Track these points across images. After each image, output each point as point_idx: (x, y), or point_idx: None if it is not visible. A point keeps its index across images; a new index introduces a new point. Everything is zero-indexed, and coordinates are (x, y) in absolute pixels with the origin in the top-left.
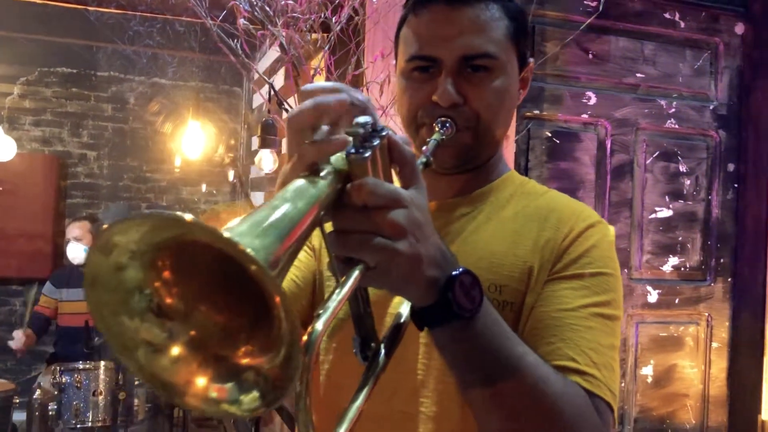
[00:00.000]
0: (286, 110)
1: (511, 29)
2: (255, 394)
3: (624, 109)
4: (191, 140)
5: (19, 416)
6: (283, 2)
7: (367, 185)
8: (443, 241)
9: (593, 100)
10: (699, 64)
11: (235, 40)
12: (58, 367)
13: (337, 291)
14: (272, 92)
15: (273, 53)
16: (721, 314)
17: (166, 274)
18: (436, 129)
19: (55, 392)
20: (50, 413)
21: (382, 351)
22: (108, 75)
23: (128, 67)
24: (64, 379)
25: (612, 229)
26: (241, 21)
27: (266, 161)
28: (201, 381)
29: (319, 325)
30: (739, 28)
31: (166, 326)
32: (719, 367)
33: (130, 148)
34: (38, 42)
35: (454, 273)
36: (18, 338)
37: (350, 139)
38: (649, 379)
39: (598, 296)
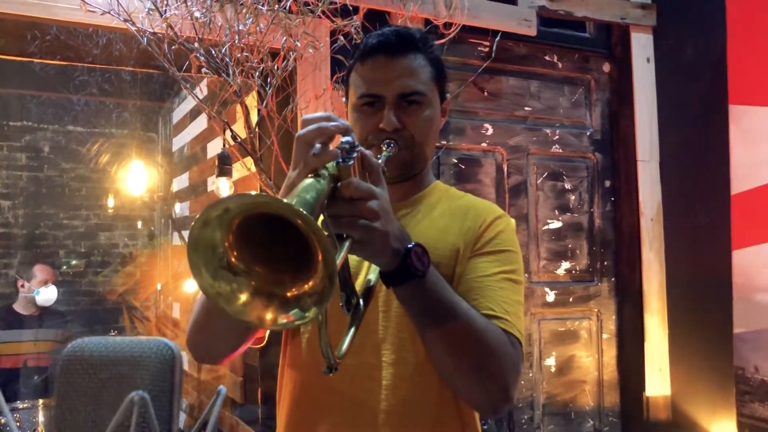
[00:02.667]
0: (240, 144)
1: (434, 73)
2: (314, 308)
3: (516, 138)
4: (134, 178)
5: None
6: (239, 54)
7: (352, 183)
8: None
9: (490, 131)
10: (576, 98)
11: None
12: None
13: (336, 257)
14: (227, 129)
15: (191, 99)
16: (608, 309)
17: (233, 239)
18: (383, 148)
19: None
20: None
21: (361, 303)
22: (21, 124)
23: (41, 116)
24: (2, 420)
25: (513, 221)
26: (204, 70)
27: (223, 187)
28: (269, 316)
29: None
30: (606, 67)
31: (233, 280)
32: (610, 354)
33: (46, 196)
34: None
35: (409, 245)
36: None
37: (339, 152)
38: (553, 369)
39: (506, 266)
